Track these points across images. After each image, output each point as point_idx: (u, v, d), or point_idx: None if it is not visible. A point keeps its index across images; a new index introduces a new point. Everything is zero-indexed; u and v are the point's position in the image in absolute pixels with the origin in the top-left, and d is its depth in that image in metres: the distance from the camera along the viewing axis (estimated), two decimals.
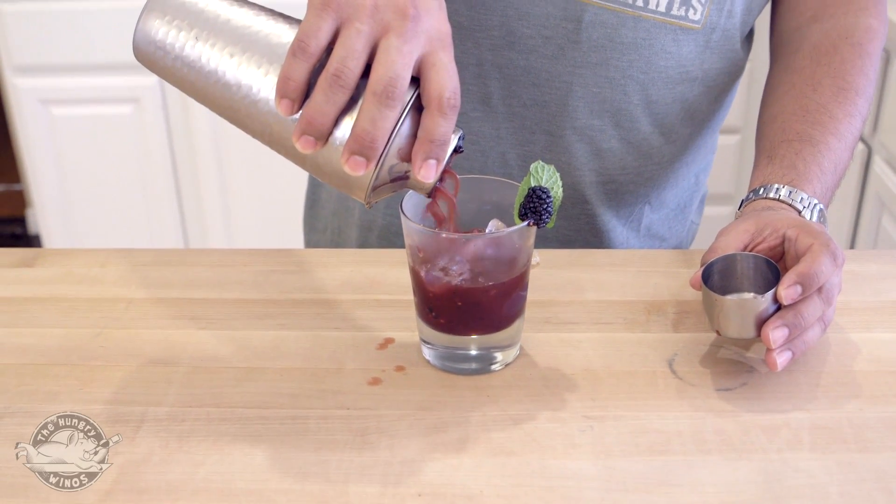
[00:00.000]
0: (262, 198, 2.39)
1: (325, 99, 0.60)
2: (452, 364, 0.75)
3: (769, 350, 0.70)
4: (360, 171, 0.61)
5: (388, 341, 0.79)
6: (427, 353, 0.76)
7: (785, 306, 0.70)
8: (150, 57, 0.66)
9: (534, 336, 0.79)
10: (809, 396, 0.72)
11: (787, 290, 0.70)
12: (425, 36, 0.62)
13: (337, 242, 1.11)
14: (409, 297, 0.80)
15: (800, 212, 0.82)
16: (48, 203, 2.41)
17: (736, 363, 0.76)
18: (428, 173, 0.62)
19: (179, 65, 0.65)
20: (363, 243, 1.06)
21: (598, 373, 0.75)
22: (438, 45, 0.63)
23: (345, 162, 0.61)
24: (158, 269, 0.91)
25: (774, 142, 0.89)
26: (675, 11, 0.90)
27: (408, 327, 0.80)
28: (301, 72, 0.60)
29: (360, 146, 0.60)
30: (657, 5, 0.89)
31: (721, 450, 0.67)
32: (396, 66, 0.60)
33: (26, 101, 2.29)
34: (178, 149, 2.34)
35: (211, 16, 0.65)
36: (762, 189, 0.85)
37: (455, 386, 0.74)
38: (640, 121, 0.95)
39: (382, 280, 0.88)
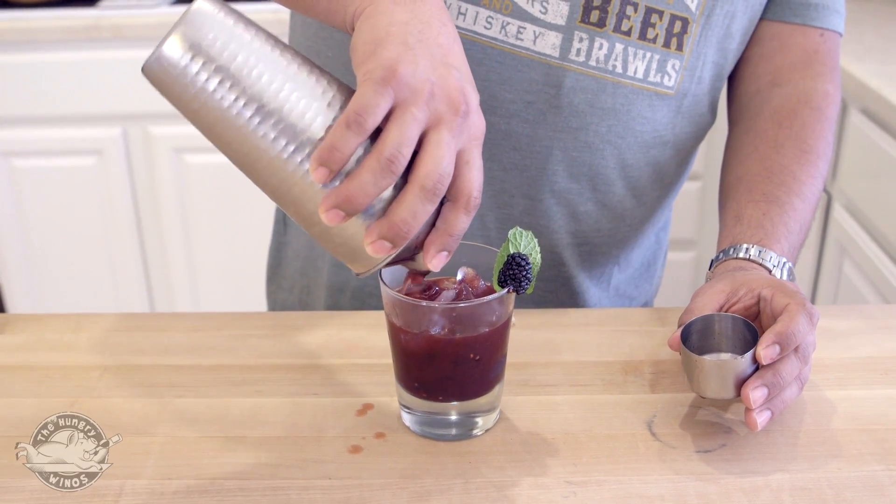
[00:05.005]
0: (228, 249, 2.38)
1: (372, 180, 0.59)
2: (432, 430, 0.75)
3: (749, 410, 0.71)
4: (382, 255, 0.61)
5: (368, 407, 0.79)
6: (407, 418, 0.76)
7: (763, 366, 0.71)
8: (169, 80, 0.60)
9: (513, 399, 0.79)
10: (788, 457, 0.73)
11: (765, 350, 0.70)
12: (468, 132, 0.62)
13: (305, 302, 1.11)
14: (387, 360, 0.80)
15: (770, 270, 0.84)
16: (9, 255, 2.38)
17: (714, 424, 0.76)
18: (439, 264, 0.63)
19: (204, 98, 0.60)
20: (333, 304, 1.05)
21: (578, 436, 0.75)
22: (475, 142, 0.63)
23: (370, 243, 0.60)
24: (131, 335, 0.90)
25: (741, 203, 0.91)
26: (651, 78, 0.91)
27: (386, 392, 0.80)
28: (351, 145, 0.59)
29: (393, 234, 0.60)
30: (635, 72, 0.91)
31: None
32: (445, 162, 0.60)
33: None
34: (141, 199, 2.33)
35: (253, 55, 0.60)
36: (732, 249, 0.86)
37: (436, 452, 0.73)
38: (615, 184, 0.96)
39: (359, 343, 0.88)
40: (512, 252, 0.71)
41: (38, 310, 2.42)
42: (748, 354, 0.71)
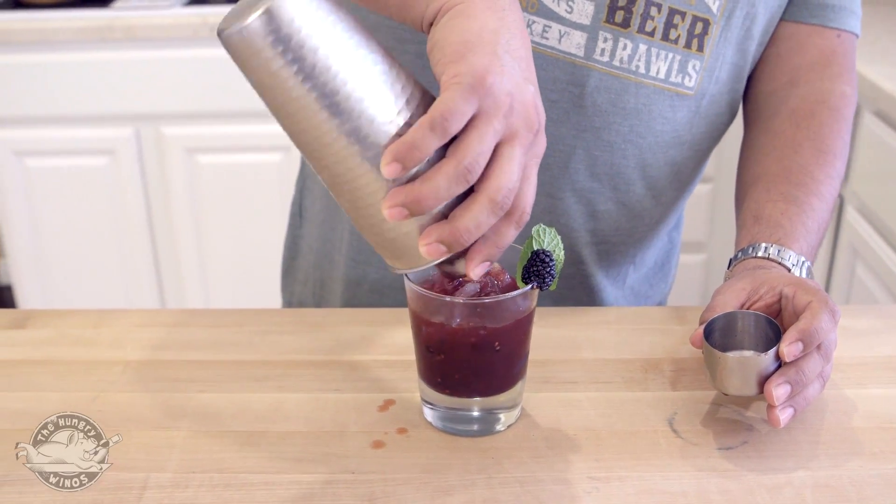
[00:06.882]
0: (239, 249, 2.38)
1: (446, 186, 0.59)
2: (455, 426, 0.75)
3: (771, 407, 0.71)
4: (434, 258, 0.61)
5: (389, 402, 0.79)
6: (429, 414, 0.76)
7: (786, 363, 0.72)
8: (248, 53, 0.58)
9: (534, 396, 0.80)
10: (810, 454, 0.73)
11: (789, 347, 0.71)
12: (533, 149, 0.63)
13: (320, 295, 1.11)
14: (408, 356, 0.80)
15: (789, 269, 0.84)
16: (21, 254, 2.39)
17: (735, 422, 0.77)
18: (480, 272, 0.63)
19: (282, 79, 0.58)
20: (351, 297, 1.06)
21: (599, 432, 0.75)
22: (536, 159, 0.64)
23: (426, 244, 0.61)
24: (152, 331, 0.90)
25: (759, 202, 0.91)
26: (672, 78, 0.92)
27: (408, 388, 0.80)
28: (431, 147, 0.58)
29: (452, 240, 0.60)
30: (657, 72, 0.91)
31: None
32: (516, 177, 0.60)
33: (1, 153, 2.28)
34: (153, 199, 2.33)
35: (337, 43, 0.58)
36: (751, 248, 0.86)
37: (458, 448, 0.74)
38: (635, 183, 0.97)
39: (379, 340, 0.88)
40: (535, 249, 0.71)
41: (54, 308, 2.42)
42: (771, 351, 0.71)
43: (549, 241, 0.72)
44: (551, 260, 0.70)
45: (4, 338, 0.89)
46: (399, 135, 0.60)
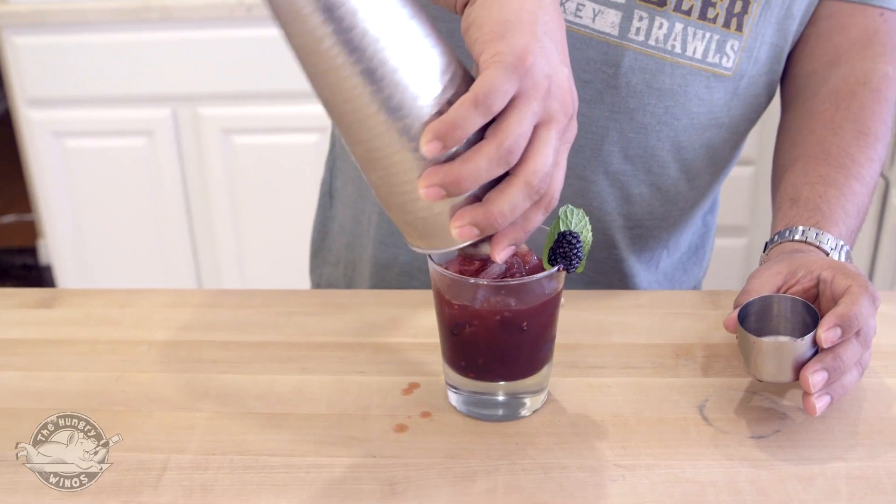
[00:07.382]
0: (276, 230, 2.38)
1: (486, 168, 0.58)
2: (479, 410, 0.74)
3: (807, 394, 0.69)
4: (465, 240, 0.60)
5: (413, 386, 0.78)
6: (453, 398, 0.75)
7: (823, 349, 0.69)
8: (290, 16, 0.55)
9: (561, 381, 0.78)
10: (845, 445, 0.71)
11: (826, 332, 0.68)
12: (566, 135, 0.62)
13: (350, 277, 1.10)
14: (433, 339, 0.79)
15: (827, 253, 0.81)
16: (60, 234, 2.41)
17: (768, 410, 0.74)
18: (506, 256, 0.62)
19: (324, 49, 0.56)
20: (380, 280, 1.04)
21: (627, 419, 0.74)
22: (567, 145, 0.63)
23: (459, 226, 0.59)
24: (178, 311, 0.90)
25: (797, 184, 0.88)
26: (710, 59, 0.89)
27: (432, 371, 0.79)
28: (474, 125, 0.57)
29: (486, 223, 0.59)
30: (694, 52, 0.88)
31: (756, 500, 0.65)
32: (550, 161, 0.59)
33: (39, 134, 2.29)
34: (190, 179, 2.34)
35: (384, 17, 0.56)
36: (787, 231, 0.84)
37: (482, 433, 0.72)
38: (669, 166, 0.94)
39: (405, 322, 0.87)
40: (563, 230, 0.69)
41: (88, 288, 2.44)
42: (808, 337, 0.69)
43: (577, 222, 0.70)
44: (578, 242, 0.69)
45: (31, 317, 0.89)
46: (440, 113, 0.58)
